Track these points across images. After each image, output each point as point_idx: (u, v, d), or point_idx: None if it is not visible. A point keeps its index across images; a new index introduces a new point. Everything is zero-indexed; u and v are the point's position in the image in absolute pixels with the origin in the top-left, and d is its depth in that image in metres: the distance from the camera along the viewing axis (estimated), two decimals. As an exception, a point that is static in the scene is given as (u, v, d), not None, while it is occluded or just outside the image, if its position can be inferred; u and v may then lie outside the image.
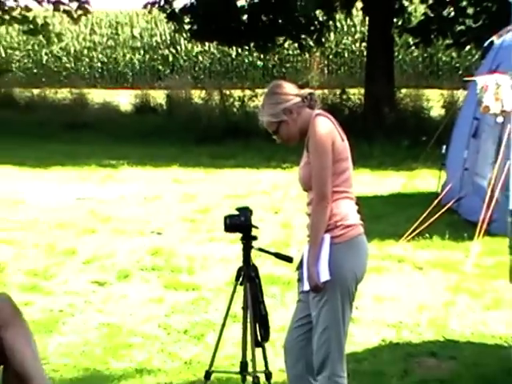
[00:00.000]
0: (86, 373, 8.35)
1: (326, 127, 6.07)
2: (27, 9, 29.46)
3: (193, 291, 10.75)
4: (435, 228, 13.32)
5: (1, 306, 6.38)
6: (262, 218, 6.11)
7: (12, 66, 35.58)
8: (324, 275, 6.02)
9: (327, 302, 6.14)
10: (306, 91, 6.27)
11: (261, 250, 6.47)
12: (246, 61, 35.44)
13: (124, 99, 29.91)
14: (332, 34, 32.46)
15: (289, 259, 6.49)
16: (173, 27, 29.87)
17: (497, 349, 8.65)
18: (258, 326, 6.38)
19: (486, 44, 16.50)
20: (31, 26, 29.60)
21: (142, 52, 38.58)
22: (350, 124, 6.32)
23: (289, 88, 6.21)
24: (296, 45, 28.69)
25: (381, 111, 24.89)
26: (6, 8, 29.09)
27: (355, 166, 6.24)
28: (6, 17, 29.21)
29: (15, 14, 29.23)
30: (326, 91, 27.87)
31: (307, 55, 31.40)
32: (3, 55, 34.94)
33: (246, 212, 6.47)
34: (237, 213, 6.48)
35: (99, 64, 38.59)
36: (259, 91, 26.72)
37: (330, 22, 28.81)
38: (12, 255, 11.93)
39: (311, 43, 28.56)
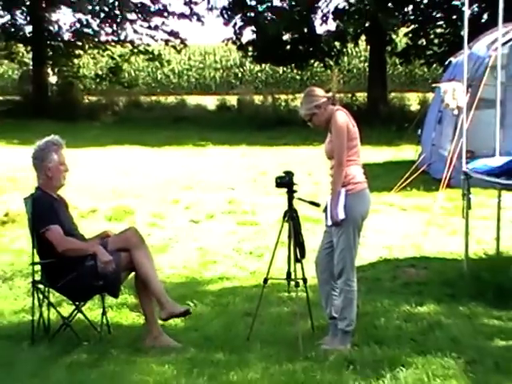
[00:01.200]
0: (187, 279, 8.44)
1: (342, 118, 6.18)
2: (148, 45, 29.68)
3: (255, 226, 10.81)
4: (414, 183, 13.30)
5: (131, 235, 6.46)
6: (300, 179, 6.11)
7: (138, 82, 35.66)
8: (341, 215, 6.07)
9: (343, 232, 6.16)
10: (330, 94, 6.36)
11: (299, 199, 6.46)
12: (289, 76, 35.23)
13: (210, 102, 29.86)
14: (345, 58, 32.16)
15: (318, 205, 6.48)
16: (241, 54, 29.72)
17: (454, 262, 8.59)
18: (297, 248, 6.38)
19: (446, 63, 16.39)
20: (150, 56, 29.77)
21: (221, 71, 38.46)
22: (357, 116, 6.28)
23: (319, 91, 6.34)
24: (322, 64, 28.50)
25: (378, 107, 24.76)
26: (135, 45, 29.25)
27: (361, 143, 6.27)
28: (135, 50, 29.39)
29: (141, 48, 29.41)
30: (341, 95, 27.78)
31: (329, 71, 31.02)
32: (133, 75, 34.97)
33: (289, 174, 6.46)
34: (283, 175, 6.48)
35: (193, 79, 38.53)
36: (297, 95, 26.63)
37: (344, 50, 28.64)
38: (139, 204, 12.00)
39: (331, 63, 28.35)
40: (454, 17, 24.71)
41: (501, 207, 8.34)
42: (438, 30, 26.47)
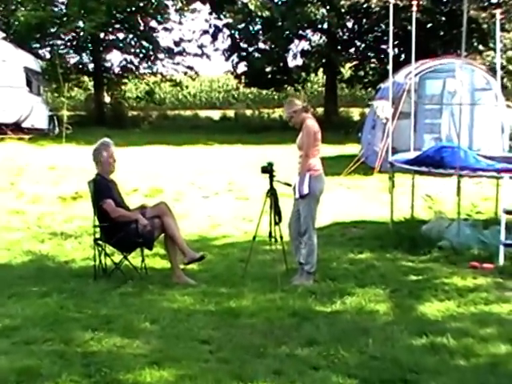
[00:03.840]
0: (200, 237, 8.41)
1: (311, 125, 6.16)
2: (172, 75, 29.47)
3: (247, 200, 10.73)
4: (356, 170, 13.26)
5: (162, 206, 6.46)
6: (279, 167, 6.08)
7: (166, 101, 35.31)
8: (306, 190, 6.09)
9: (307, 203, 6.16)
10: (305, 104, 6.38)
11: (278, 181, 6.44)
12: (270, 96, 34.83)
13: (215, 114, 29.64)
14: (309, 84, 31.92)
15: (290, 185, 6.45)
16: (237, 81, 29.47)
17: (383, 223, 8.54)
18: (276, 215, 6.36)
19: (377, 87, 16.35)
20: (174, 83, 29.59)
21: (222, 93, 38.17)
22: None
23: (296, 101, 6.39)
24: (293, 88, 28.35)
25: (331, 118, 24.62)
26: (164, 75, 29.13)
27: (322, 143, 6.29)
28: (164, 79, 29.27)
29: (167, 77, 29.31)
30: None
31: (298, 93, 30.77)
32: (162, 96, 34.61)
33: (270, 164, 6.44)
34: (266, 164, 6.45)
35: (204, 99, 38.19)
36: (276, 110, 26.62)
37: (308, 78, 28.56)
38: (166, 185, 11.85)
39: (299, 87, 28.24)
40: (382, 56, 24.69)
41: (414, 186, 8.36)
42: (372, 65, 26.43)
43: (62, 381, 3.94)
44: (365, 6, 21.04)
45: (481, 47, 19.63)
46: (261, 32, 25.40)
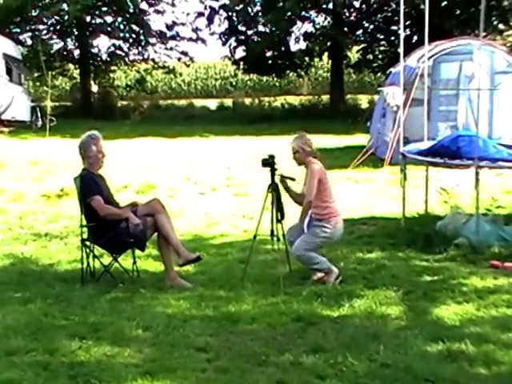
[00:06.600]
0: (196, 237, 8.39)
1: (315, 169, 6.23)
2: (165, 61, 29.59)
3: (247, 196, 10.72)
4: (365, 162, 13.25)
5: (155, 204, 6.44)
6: (281, 160, 6.05)
7: (158, 89, 35.38)
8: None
9: (313, 237, 6.19)
10: (314, 149, 6.39)
11: (280, 175, 6.44)
12: (271, 83, 34.86)
13: (212, 104, 29.63)
14: (313, 69, 31.90)
15: (293, 179, 6.45)
16: (235, 67, 29.49)
17: (394, 220, 8.50)
18: (278, 212, 6.35)
19: (387, 72, 16.32)
20: (167, 70, 29.67)
21: (219, 80, 38.22)
22: (323, 113, 6.24)
23: (310, 143, 6.41)
24: (295, 74, 28.36)
25: (338, 106, 24.60)
26: (156, 62, 29.22)
27: (325, 133, 6.27)
28: (155, 66, 29.35)
29: (159, 64, 29.41)
30: (310, 97, 27.74)
31: (301, 79, 30.82)
32: (154, 84, 34.68)
33: (272, 157, 6.40)
34: (267, 157, 6.43)
35: (199, 87, 38.24)
36: (277, 98, 26.63)
37: (312, 63, 28.57)
38: (159, 181, 11.85)
39: (303, 73, 28.28)
40: (393, 38, 24.76)
41: (428, 179, 8.35)
42: (381, 48, 26.53)
43: (47, 394, 3.94)
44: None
45: (501, 26, 19.59)
46: (260, 13, 25.41)
